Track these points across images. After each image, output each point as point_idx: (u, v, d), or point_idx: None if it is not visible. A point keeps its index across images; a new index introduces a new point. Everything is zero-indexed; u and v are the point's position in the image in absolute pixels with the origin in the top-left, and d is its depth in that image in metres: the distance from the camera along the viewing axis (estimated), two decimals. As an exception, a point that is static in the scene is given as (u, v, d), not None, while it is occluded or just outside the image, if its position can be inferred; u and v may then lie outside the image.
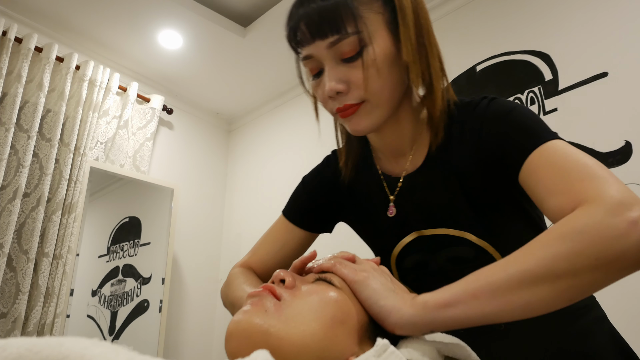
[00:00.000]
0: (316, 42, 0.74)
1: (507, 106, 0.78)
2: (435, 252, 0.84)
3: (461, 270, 0.77)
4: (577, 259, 0.56)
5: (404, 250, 0.87)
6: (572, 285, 0.57)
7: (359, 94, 0.75)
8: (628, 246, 0.55)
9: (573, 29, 2.02)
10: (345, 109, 0.76)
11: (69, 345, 0.38)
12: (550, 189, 0.66)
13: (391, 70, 0.75)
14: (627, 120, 1.78)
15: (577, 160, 0.66)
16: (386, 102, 0.76)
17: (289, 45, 0.80)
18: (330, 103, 0.78)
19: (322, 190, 0.99)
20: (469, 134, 0.79)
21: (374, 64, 0.73)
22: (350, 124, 0.78)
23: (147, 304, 2.79)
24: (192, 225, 3.26)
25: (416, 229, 0.85)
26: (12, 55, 2.51)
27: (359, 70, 0.73)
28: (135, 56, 3.01)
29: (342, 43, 0.73)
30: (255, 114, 3.56)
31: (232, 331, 0.58)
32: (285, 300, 0.60)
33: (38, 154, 2.48)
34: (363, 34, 0.73)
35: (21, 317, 2.22)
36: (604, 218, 0.56)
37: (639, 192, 1.68)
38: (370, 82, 0.73)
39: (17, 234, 2.34)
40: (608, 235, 0.55)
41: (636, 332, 0.98)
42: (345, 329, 0.59)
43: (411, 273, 0.87)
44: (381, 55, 0.74)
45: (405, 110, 0.83)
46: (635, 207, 0.56)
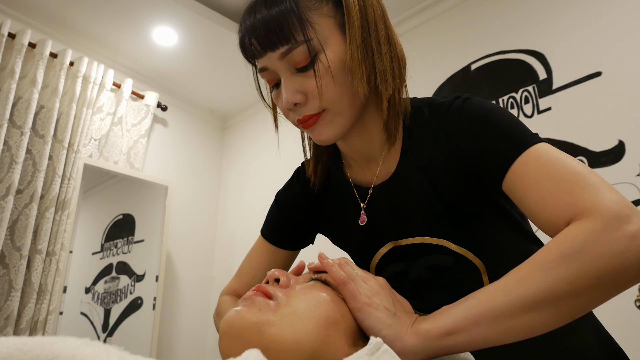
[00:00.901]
0: (268, 53, 0.71)
1: (482, 108, 0.74)
2: (413, 261, 0.82)
3: (441, 277, 0.79)
4: (578, 280, 0.55)
5: (382, 261, 0.85)
6: (574, 305, 0.56)
7: (317, 104, 0.72)
8: (629, 262, 0.54)
9: (567, 29, 2.03)
10: (305, 120, 0.73)
11: (60, 344, 0.38)
12: (540, 200, 0.64)
13: (347, 76, 0.72)
14: (620, 119, 1.79)
15: (565, 166, 0.63)
16: (347, 109, 0.73)
17: (244, 57, 0.77)
18: (291, 115, 0.75)
19: (294, 206, 0.97)
20: (443, 139, 0.76)
21: (328, 72, 0.70)
22: (313, 134, 0.75)
23: (140, 301, 2.78)
24: (186, 222, 3.25)
25: (391, 239, 0.82)
26: (6, 51, 2.49)
27: (314, 78, 0.70)
28: (130, 53, 2.99)
29: (293, 53, 0.70)
30: (249, 112, 3.56)
31: (225, 329, 0.58)
32: (279, 299, 0.60)
33: (31, 151, 2.47)
34: (313, 41, 0.69)
35: (14, 314, 2.21)
36: (603, 235, 0.55)
37: (632, 191, 1.69)
38: (327, 90, 0.70)
39: (10, 231, 2.33)
40: (608, 253, 0.54)
41: (623, 327, 0.99)
42: (339, 329, 0.59)
43: (391, 282, 0.81)
44: (335, 61, 0.70)
45: (370, 116, 0.79)
46: (632, 219, 0.55)
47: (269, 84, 0.77)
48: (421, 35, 2.47)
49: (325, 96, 0.71)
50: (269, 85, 0.78)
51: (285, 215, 0.98)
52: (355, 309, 0.63)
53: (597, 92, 1.88)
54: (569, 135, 1.89)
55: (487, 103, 0.75)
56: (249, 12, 0.73)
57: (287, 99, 0.72)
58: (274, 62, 0.72)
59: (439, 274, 0.80)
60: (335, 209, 0.91)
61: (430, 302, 0.82)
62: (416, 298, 0.84)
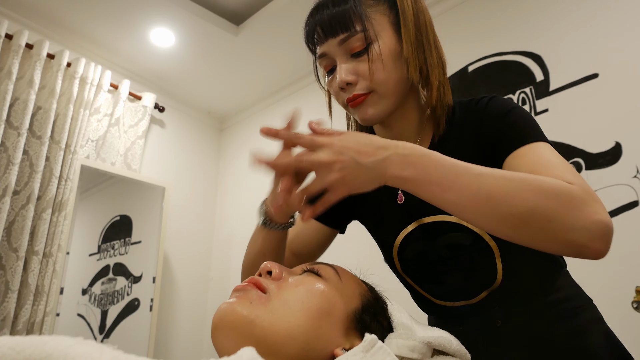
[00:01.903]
0: (329, 40, 0.84)
1: (506, 106, 0.84)
2: (434, 239, 0.88)
3: (458, 258, 0.86)
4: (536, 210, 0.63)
5: (404, 240, 0.91)
6: (519, 226, 0.64)
7: (367, 85, 0.83)
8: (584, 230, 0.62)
9: (564, 30, 2.03)
10: (354, 99, 0.84)
11: (53, 344, 0.38)
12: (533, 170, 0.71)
13: (395, 65, 0.83)
14: (617, 121, 1.79)
15: (563, 161, 0.74)
16: (391, 93, 0.84)
17: (307, 47, 0.90)
18: (342, 94, 0.86)
19: None
20: (470, 127, 0.87)
21: (379, 58, 0.82)
22: (359, 113, 0.86)
23: (137, 302, 2.78)
24: (183, 224, 3.25)
25: (418, 217, 0.89)
26: (3, 52, 2.49)
27: (367, 63, 0.82)
28: (127, 54, 2.99)
29: (351, 40, 0.82)
30: (247, 113, 3.56)
31: (217, 323, 0.58)
32: (271, 292, 0.60)
33: (28, 152, 2.47)
34: (369, 32, 0.82)
35: (10, 316, 2.20)
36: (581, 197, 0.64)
37: (629, 193, 1.69)
38: (376, 73, 0.82)
39: (7, 232, 2.32)
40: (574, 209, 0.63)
41: (620, 328, 0.99)
42: (331, 320, 0.59)
43: (412, 263, 0.92)
44: (386, 50, 0.82)
45: (411, 105, 0.91)
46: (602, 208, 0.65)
47: (325, 69, 0.89)
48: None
49: (375, 78, 0.82)
50: (325, 71, 0.89)
51: None
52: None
53: (594, 94, 1.88)
54: (566, 136, 1.89)
55: (509, 102, 0.86)
56: (317, 8, 0.86)
57: (342, 79, 0.83)
58: (333, 48, 0.84)
59: (457, 253, 0.86)
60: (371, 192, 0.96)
61: (447, 287, 0.90)
62: (434, 282, 0.91)
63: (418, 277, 0.92)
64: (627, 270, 1.62)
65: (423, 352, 0.61)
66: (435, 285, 0.91)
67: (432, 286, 0.92)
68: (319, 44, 0.86)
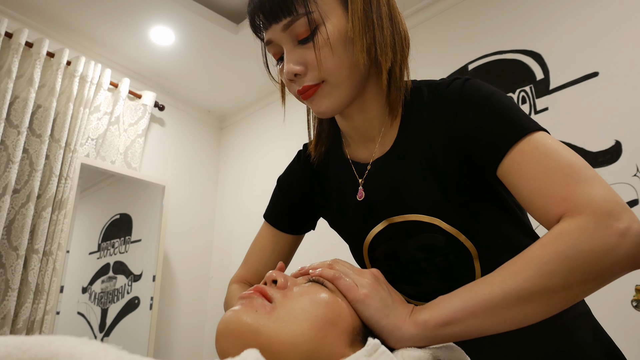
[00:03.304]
0: (272, 26, 0.75)
1: (482, 92, 0.74)
2: (405, 239, 0.82)
3: (432, 258, 0.80)
4: (571, 275, 0.57)
5: (375, 240, 0.85)
6: (565, 298, 0.59)
7: (316, 75, 0.74)
8: (618, 258, 0.57)
9: (565, 29, 2.03)
10: (304, 91, 0.76)
11: (58, 343, 0.38)
12: (535, 190, 0.65)
13: (346, 49, 0.74)
14: (617, 119, 1.80)
15: (562, 158, 0.65)
16: (345, 81, 0.75)
17: (252, 33, 0.82)
18: (293, 86, 0.78)
19: (295, 185, 0.99)
20: (441, 120, 0.77)
21: (327, 44, 0.73)
22: (312, 106, 0.78)
23: (137, 301, 2.78)
24: (183, 222, 3.25)
25: (387, 216, 0.82)
26: (2, 50, 2.49)
27: (314, 50, 0.73)
28: (127, 52, 2.99)
29: (295, 25, 0.73)
30: (247, 112, 3.56)
31: (221, 330, 0.58)
32: (276, 300, 0.60)
33: (28, 150, 2.46)
34: (314, 14, 0.72)
35: (10, 314, 2.21)
36: (595, 232, 0.58)
37: (629, 191, 1.70)
38: (325, 61, 0.73)
39: (7, 230, 2.32)
40: (599, 251, 0.57)
41: (619, 327, 0.99)
42: (336, 330, 0.59)
43: (383, 264, 0.86)
44: (335, 33, 0.73)
45: (371, 92, 0.81)
46: (622, 216, 0.58)
47: (274, 57, 0.81)
48: (418, 35, 2.47)
49: (324, 67, 0.73)
50: (275, 59, 0.81)
51: (287, 196, 1.00)
52: (354, 300, 0.63)
53: (594, 93, 1.88)
54: (566, 135, 1.89)
55: (487, 87, 0.76)
56: None
57: (288, 69, 0.75)
58: (278, 35, 0.75)
59: (431, 255, 0.80)
60: (333, 187, 0.92)
61: (422, 288, 0.84)
62: (409, 283, 0.85)
63: (391, 278, 0.81)
64: (627, 269, 1.62)
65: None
66: (410, 286, 0.85)
67: (407, 287, 0.85)
68: (262, 29, 0.79)
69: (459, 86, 0.77)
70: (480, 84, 0.77)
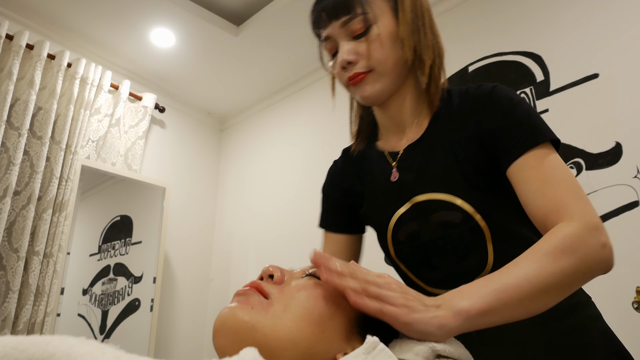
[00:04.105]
0: (332, 23, 0.90)
1: (509, 97, 0.87)
2: (426, 217, 0.90)
3: (448, 236, 0.88)
4: (575, 273, 0.70)
5: (399, 221, 0.93)
6: (569, 291, 0.71)
7: (366, 63, 0.88)
8: (601, 263, 0.72)
9: (565, 30, 2.03)
10: (354, 77, 0.89)
11: (56, 343, 0.38)
12: (540, 190, 0.77)
13: (393, 46, 0.89)
14: (617, 121, 1.80)
15: (567, 174, 0.78)
16: (389, 72, 0.89)
17: (313, 32, 0.97)
18: (343, 74, 0.91)
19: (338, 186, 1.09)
20: (468, 115, 0.89)
21: (378, 39, 0.88)
22: (358, 91, 0.91)
23: (138, 303, 2.78)
24: (183, 224, 3.25)
25: (412, 196, 0.91)
26: (3, 53, 2.49)
27: (366, 43, 0.88)
28: (128, 54, 2.99)
29: (352, 22, 0.88)
30: (247, 113, 3.56)
31: (218, 328, 0.58)
32: (273, 296, 0.60)
33: (29, 152, 2.47)
34: (369, 15, 0.88)
35: (11, 316, 2.21)
36: (588, 239, 0.71)
37: (629, 193, 1.70)
38: (375, 53, 0.88)
39: (7, 232, 2.32)
40: (591, 254, 0.71)
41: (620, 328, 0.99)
42: (333, 324, 0.59)
43: (404, 246, 0.93)
44: (384, 32, 0.88)
45: (409, 88, 0.95)
46: (604, 232, 0.73)
47: (329, 52, 0.95)
48: (419, 37, 2.46)
49: (373, 56, 0.88)
50: (329, 54, 0.95)
51: (332, 197, 1.10)
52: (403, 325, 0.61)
53: (594, 94, 1.88)
54: (567, 137, 1.89)
55: (513, 94, 0.88)
56: None
57: (343, 58, 0.89)
58: (336, 30, 0.90)
59: (447, 233, 0.88)
60: (368, 178, 1.02)
61: (437, 272, 0.91)
62: (425, 266, 0.92)
63: (411, 262, 0.94)
64: (628, 271, 1.62)
65: (427, 356, 0.60)
66: (427, 270, 0.92)
67: (424, 271, 0.92)
68: (323, 27, 0.93)
69: (488, 89, 0.90)
70: (508, 90, 0.89)
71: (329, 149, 2.88)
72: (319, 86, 3.09)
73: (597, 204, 1.76)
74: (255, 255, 3.08)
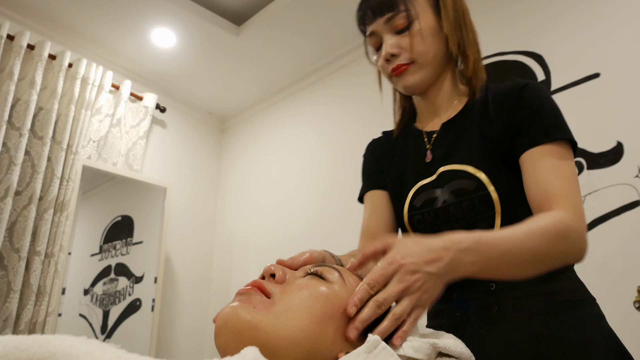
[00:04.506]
0: (377, 19, 1.00)
1: (539, 94, 0.95)
2: (444, 185, 0.97)
3: (460, 202, 0.94)
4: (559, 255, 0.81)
5: (420, 189, 1.01)
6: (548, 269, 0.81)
7: (408, 56, 0.98)
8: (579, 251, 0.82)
9: (566, 30, 2.03)
10: (397, 68, 0.99)
11: (57, 342, 0.38)
12: (547, 178, 0.86)
13: (434, 40, 0.98)
14: (618, 120, 1.79)
15: (571, 173, 0.87)
16: (429, 63, 0.99)
17: (358, 29, 1.07)
18: (387, 66, 1.00)
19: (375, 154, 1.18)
20: (501, 103, 0.97)
21: (420, 33, 0.97)
22: (401, 81, 1.00)
23: (139, 302, 2.78)
24: (184, 224, 3.25)
25: (440, 167, 0.99)
26: (4, 53, 2.50)
27: (408, 38, 0.97)
28: (129, 54, 3.00)
29: (396, 18, 0.97)
30: (248, 113, 3.56)
31: (220, 327, 0.58)
32: (275, 296, 0.60)
33: (30, 152, 2.47)
34: (411, 12, 0.97)
35: (12, 316, 2.21)
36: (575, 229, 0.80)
37: (631, 193, 1.69)
38: (416, 46, 0.97)
39: (9, 232, 2.33)
40: (575, 241, 0.81)
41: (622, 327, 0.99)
42: (335, 323, 0.59)
43: (417, 212, 1.00)
44: (425, 27, 0.98)
45: (446, 79, 1.05)
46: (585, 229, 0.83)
47: (373, 47, 1.04)
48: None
49: (415, 49, 0.97)
50: (373, 49, 1.04)
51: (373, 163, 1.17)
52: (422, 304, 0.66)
53: (595, 94, 1.88)
54: (567, 136, 1.88)
55: (544, 91, 0.96)
56: None
57: (387, 51, 0.99)
58: (380, 26, 1.00)
59: (460, 200, 0.94)
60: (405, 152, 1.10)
61: None
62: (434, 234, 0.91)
63: (421, 228, 1.00)
64: (629, 270, 1.62)
65: (428, 353, 0.60)
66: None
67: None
68: (368, 24, 1.02)
69: (523, 83, 0.97)
70: (541, 87, 0.97)
71: (330, 148, 2.89)
72: (320, 86, 3.09)
73: (598, 204, 1.76)
74: (256, 255, 3.08)
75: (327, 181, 2.80)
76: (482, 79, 1.03)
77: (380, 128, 1.26)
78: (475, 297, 0.90)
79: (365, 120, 2.71)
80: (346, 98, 2.90)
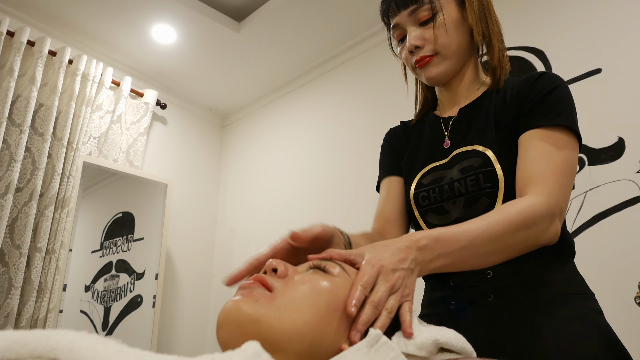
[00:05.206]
0: (401, 12, 1.01)
1: (552, 81, 0.95)
2: (453, 165, 0.99)
3: (465, 178, 0.96)
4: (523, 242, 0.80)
5: (431, 170, 1.03)
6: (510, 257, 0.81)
7: (432, 47, 0.99)
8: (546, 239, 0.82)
9: (567, 26, 2.02)
10: (421, 59, 1.00)
11: (57, 337, 0.38)
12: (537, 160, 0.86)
13: (457, 32, 0.99)
14: (620, 116, 1.79)
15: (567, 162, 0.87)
16: (453, 55, 1.00)
17: (382, 21, 1.09)
18: (410, 58, 1.02)
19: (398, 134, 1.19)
20: (518, 90, 0.98)
21: (443, 25, 0.98)
22: (425, 72, 1.01)
23: (140, 299, 2.78)
24: (185, 220, 3.25)
25: (455, 149, 1.01)
26: (4, 49, 2.49)
27: (432, 30, 0.98)
28: (129, 51, 2.99)
29: (419, 10, 0.99)
30: (249, 110, 3.56)
31: (222, 321, 0.58)
32: (277, 290, 0.60)
33: (30, 149, 2.47)
34: (435, 4, 0.98)
35: (14, 312, 2.21)
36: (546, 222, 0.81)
37: (632, 188, 1.69)
38: (440, 38, 0.98)
39: (10, 229, 2.33)
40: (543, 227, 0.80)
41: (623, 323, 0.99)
42: (338, 317, 0.59)
43: (423, 189, 1.02)
44: (449, 19, 0.98)
45: (469, 69, 1.06)
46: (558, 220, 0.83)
47: (397, 39, 1.06)
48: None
49: (438, 41, 0.98)
50: (397, 40, 1.06)
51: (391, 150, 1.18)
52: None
53: (597, 89, 1.87)
54: (569, 132, 1.88)
55: (557, 78, 0.97)
56: None
57: (411, 43, 1.00)
58: (404, 18, 1.01)
59: (465, 176, 0.95)
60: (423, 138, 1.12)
61: (446, 219, 0.98)
62: (436, 212, 1.00)
63: (425, 205, 1.01)
64: (630, 266, 1.62)
65: (430, 349, 0.60)
66: (436, 216, 0.99)
67: (434, 216, 1.00)
68: (392, 16, 1.04)
69: (539, 73, 0.98)
70: (556, 76, 0.97)
71: (331, 144, 2.89)
72: (321, 83, 3.08)
73: (600, 200, 1.75)
74: (258, 251, 3.07)
75: (328, 177, 2.80)
76: (507, 68, 1.04)
77: (380, 124, 1.26)
78: (471, 284, 0.91)
79: (366, 116, 2.71)
80: (347, 94, 2.89)
